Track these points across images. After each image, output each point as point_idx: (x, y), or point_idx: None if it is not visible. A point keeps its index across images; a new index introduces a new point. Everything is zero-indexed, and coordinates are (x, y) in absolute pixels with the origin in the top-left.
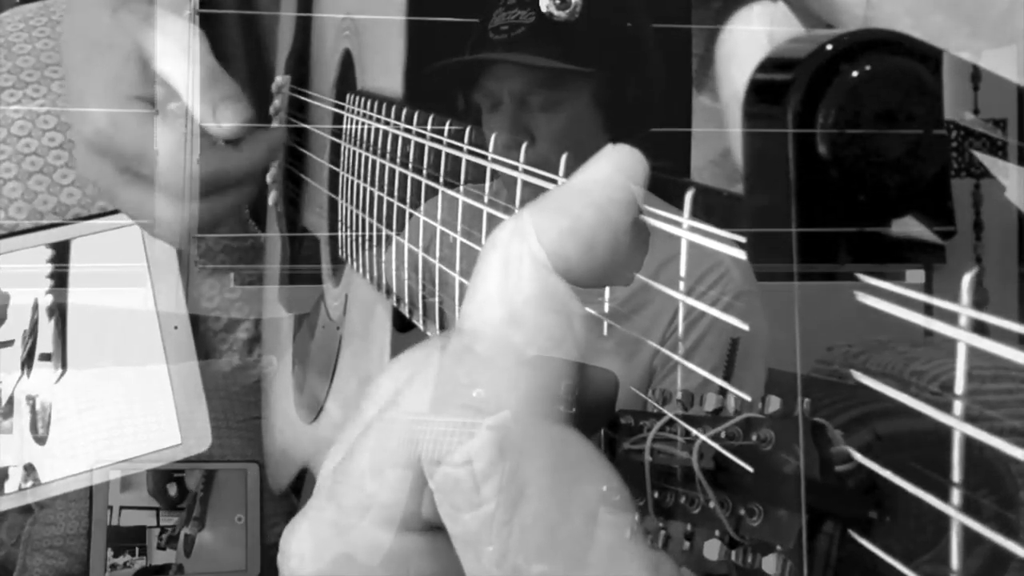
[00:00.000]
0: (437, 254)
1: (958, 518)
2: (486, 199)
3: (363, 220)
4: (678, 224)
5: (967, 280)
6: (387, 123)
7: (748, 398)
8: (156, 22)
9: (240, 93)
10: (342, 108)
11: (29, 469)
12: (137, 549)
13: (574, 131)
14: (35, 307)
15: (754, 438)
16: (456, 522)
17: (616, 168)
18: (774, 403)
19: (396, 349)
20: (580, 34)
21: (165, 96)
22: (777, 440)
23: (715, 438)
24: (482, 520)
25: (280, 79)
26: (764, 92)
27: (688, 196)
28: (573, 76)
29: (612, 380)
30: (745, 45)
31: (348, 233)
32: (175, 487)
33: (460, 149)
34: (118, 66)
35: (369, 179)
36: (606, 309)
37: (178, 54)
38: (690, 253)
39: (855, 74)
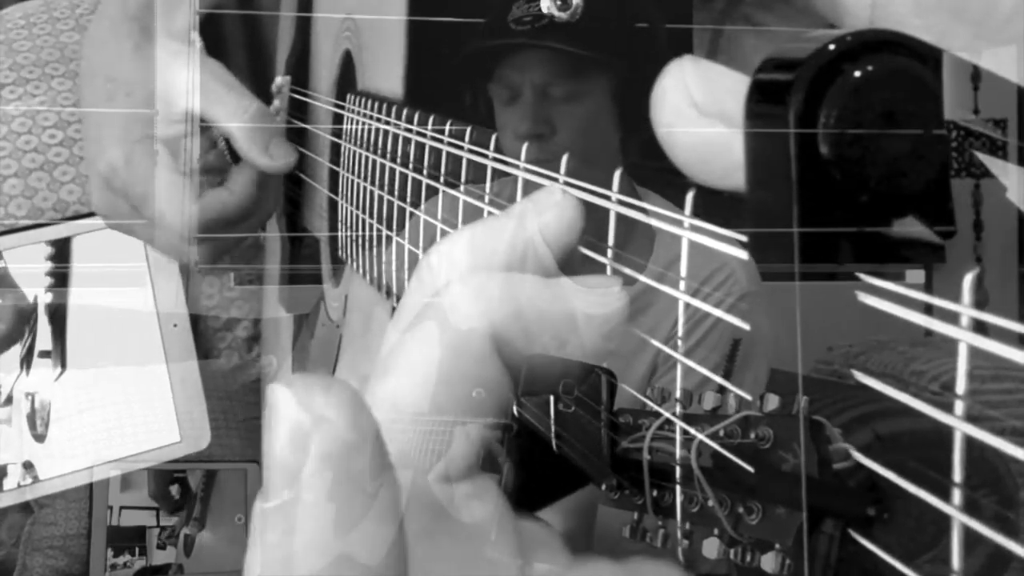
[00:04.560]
0: None
1: (958, 518)
2: (487, 199)
3: (363, 220)
4: (680, 224)
5: (968, 280)
6: (387, 123)
7: (747, 396)
8: (169, 55)
9: (282, 131)
10: (342, 108)
11: (28, 466)
12: (137, 549)
13: (594, 123)
14: (34, 305)
15: (752, 436)
16: (456, 522)
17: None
18: (772, 401)
19: None
20: (599, 29)
21: (172, 129)
22: (775, 438)
23: (713, 436)
24: (485, 519)
25: (280, 79)
26: (766, 92)
27: (690, 196)
28: (596, 67)
29: (610, 378)
30: (671, 95)
31: (348, 233)
32: (177, 489)
33: (461, 148)
34: (138, 106)
35: (369, 179)
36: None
37: (208, 91)
38: (696, 254)
39: (857, 74)
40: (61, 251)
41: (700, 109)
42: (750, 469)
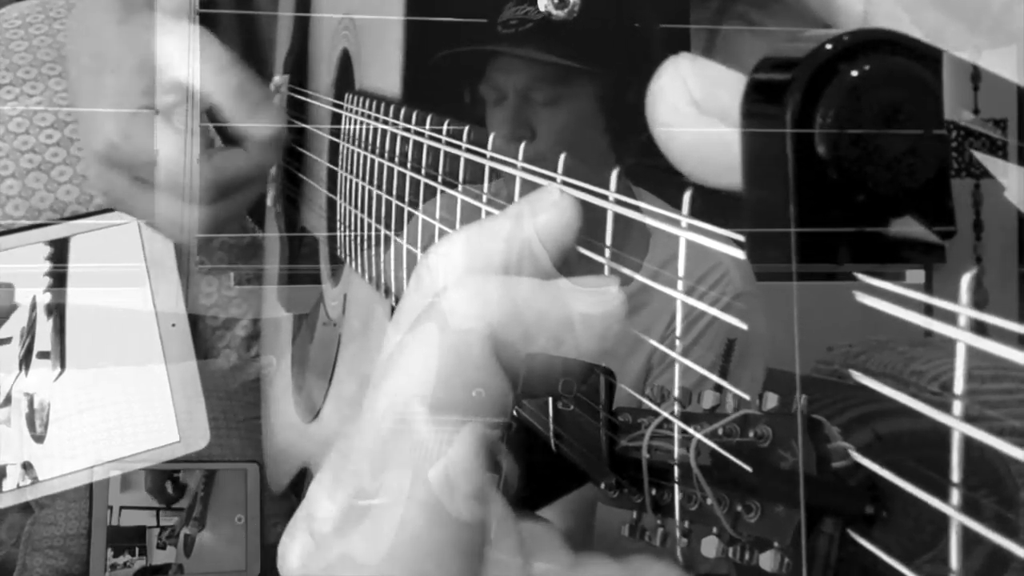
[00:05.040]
0: None
1: (958, 518)
2: (484, 198)
3: (362, 220)
4: (677, 223)
5: (967, 280)
6: (386, 122)
7: (744, 396)
8: (164, 30)
9: (272, 95)
10: (341, 108)
11: (27, 467)
12: (137, 549)
13: (576, 129)
14: (33, 305)
15: (751, 435)
16: (455, 522)
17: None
18: (771, 400)
19: None
20: (588, 33)
21: (167, 98)
22: (774, 437)
23: (712, 435)
24: (486, 519)
25: (279, 79)
26: (763, 92)
27: (687, 196)
28: (578, 74)
29: (609, 377)
30: (670, 93)
31: (347, 233)
32: (172, 484)
33: (459, 148)
34: (127, 79)
35: (368, 178)
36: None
37: (191, 61)
38: (690, 254)
39: (854, 74)
40: (59, 251)
41: (699, 107)
42: (748, 468)
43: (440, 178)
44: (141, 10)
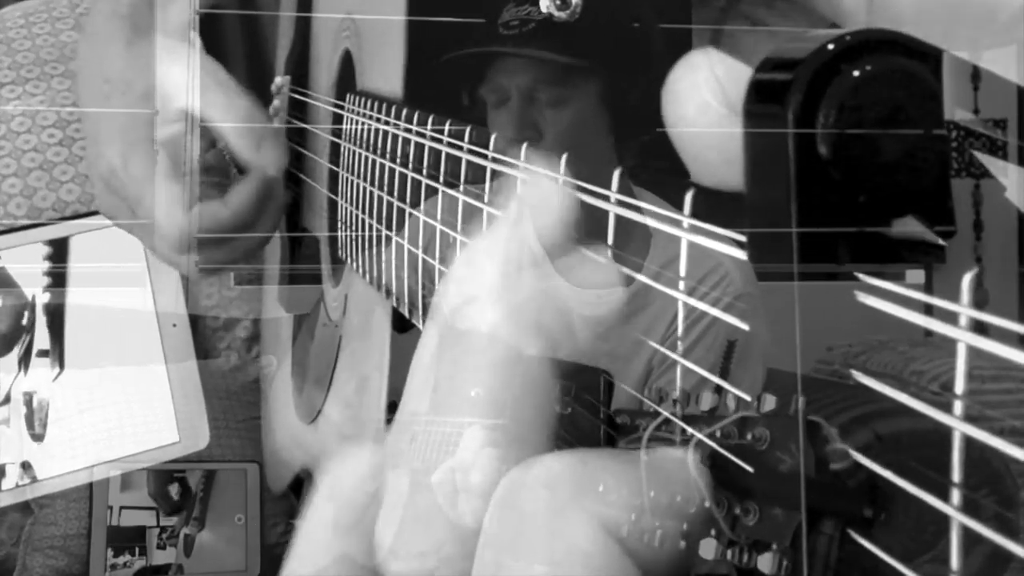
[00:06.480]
0: (437, 254)
1: (958, 518)
2: (486, 199)
3: (363, 220)
4: (678, 224)
5: (967, 280)
6: (387, 123)
7: (746, 397)
8: (166, 56)
9: (278, 130)
10: (342, 108)
11: (26, 466)
12: (137, 549)
13: (580, 129)
14: (32, 304)
15: (749, 437)
16: (452, 525)
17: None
18: (769, 402)
19: (395, 350)
20: (590, 33)
21: (171, 128)
22: (772, 439)
23: (711, 437)
24: (478, 525)
25: (280, 79)
26: (765, 92)
27: (688, 196)
28: (581, 73)
29: (607, 380)
30: (688, 92)
31: (348, 233)
32: (177, 488)
33: (460, 149)
34: (134, 103)
35: (369, 179)
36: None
37: (202, 88)
38: (691, 255)
39: (856, 74)
40: (59, 251)
41: (732, 106)
42: (749, 469)
43: (441, 179)
44: (149, 32)
